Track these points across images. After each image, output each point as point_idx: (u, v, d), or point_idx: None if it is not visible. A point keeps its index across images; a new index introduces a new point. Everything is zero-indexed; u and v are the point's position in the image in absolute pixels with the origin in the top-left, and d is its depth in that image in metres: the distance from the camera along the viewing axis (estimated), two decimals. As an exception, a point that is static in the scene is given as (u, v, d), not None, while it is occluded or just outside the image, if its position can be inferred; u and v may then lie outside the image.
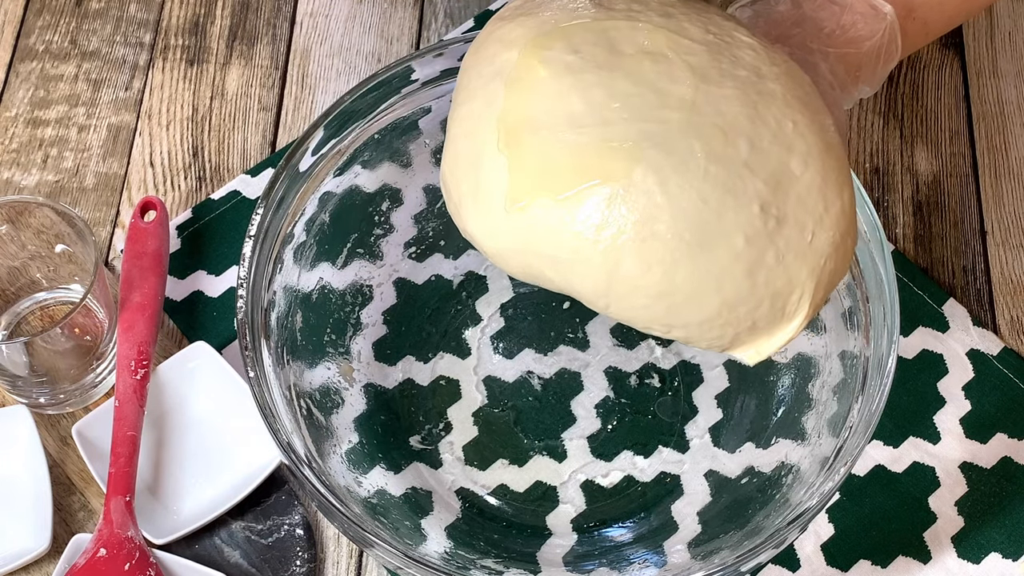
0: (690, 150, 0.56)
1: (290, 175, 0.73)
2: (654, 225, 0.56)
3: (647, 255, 0.56)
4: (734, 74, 0.58)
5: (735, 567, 0.64)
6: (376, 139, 0.77)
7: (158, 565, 0.72)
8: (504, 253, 0.60)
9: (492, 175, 0.59)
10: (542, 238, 0.58)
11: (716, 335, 0.59)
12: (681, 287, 0.57)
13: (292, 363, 0.74)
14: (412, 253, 0.82)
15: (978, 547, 0.76)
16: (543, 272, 0.60)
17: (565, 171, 0.57)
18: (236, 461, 0.76)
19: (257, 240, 0.71)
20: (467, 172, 0.60)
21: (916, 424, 0.80)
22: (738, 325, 0.59)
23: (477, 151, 0.59)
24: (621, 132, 0.56)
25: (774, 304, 0.58)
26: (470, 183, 0.60)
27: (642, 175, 0.56)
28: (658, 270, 0.57)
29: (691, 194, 0.56)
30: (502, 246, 0.60)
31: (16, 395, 0.78)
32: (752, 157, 0.56)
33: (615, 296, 0.58)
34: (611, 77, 0.57)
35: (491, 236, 0.60)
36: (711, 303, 0.58)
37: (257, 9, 0.97)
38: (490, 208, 0.59)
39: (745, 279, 0.57)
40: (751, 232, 0.56)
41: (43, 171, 0.89)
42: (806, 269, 0.58)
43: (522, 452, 0.78)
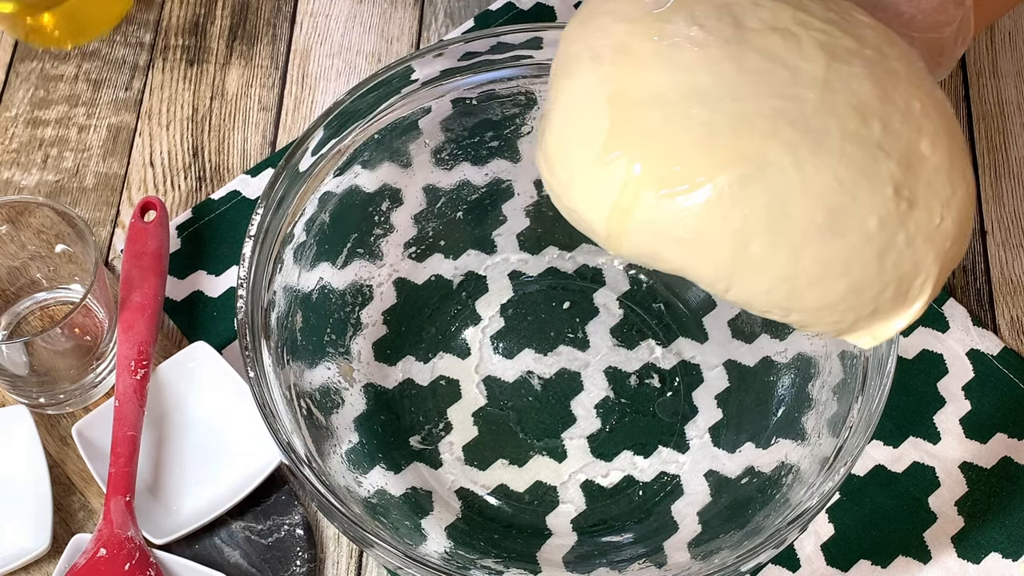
0: (826, 129, 0.55)
1: (290, 175, 0.73)
2: (787, 206, 0.54)
3: (777, 237, 0.55)
4: (861, 53, 0.56)
5: (735, 567, 0.64)
6: (376, 139, 0.77)
7: (158, 565, 0.72)
8: (619, 234, 0.58)
9: (610, 158, 0.56)
10: (664, 218, 0.56)
11: (836, 320, 0.58)
12: (808, 270, 0.55)
13: (292, 363, 0.74)
14: (412, 253, 0.83)
15: (978, 547, 0.76)
16: (660, 253, 0.57)
17: (694, 148, 0.55)
18: (236, 461, 0.76)
19: (257, 240, 0.71)
20: (578, 149, 0.58)
21: (916, 424, 0.80)
22: (860, 310, 0.57)
23: (590, 127, 0.57)
24: (753, 108, 0.55)
25: (899, 288, 0.56)
26: (581, 161, 0.57)
27: (777, 153, 0.54)
28: (786, 252, 0.55)
29: (826, 174, 0.54)
30: (617, 227, 0.57)
31: (16, 395, 0.78)
32: (885, 138, 0.55)
33: (738, 279, 0.56)
34: (740, 51, 0.56)
35: (605, 216, 0.57)
36: (837, 287, 0.56)
37: (257, 9, 0.97)
38: (605, 187, 0.57)
39: (874, 263, 0.55)
40: (883, 214, 0.55)
41: (43, 171, 0.89)
42: (933, 252, 0.56)
43: (522, 452, 0.78)
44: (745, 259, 0.56)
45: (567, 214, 0.60)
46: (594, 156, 0.57)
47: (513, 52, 0.76)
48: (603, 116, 0.57)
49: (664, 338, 0.82)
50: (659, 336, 0.82)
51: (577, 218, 0.60)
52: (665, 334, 0.82)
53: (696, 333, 0.82)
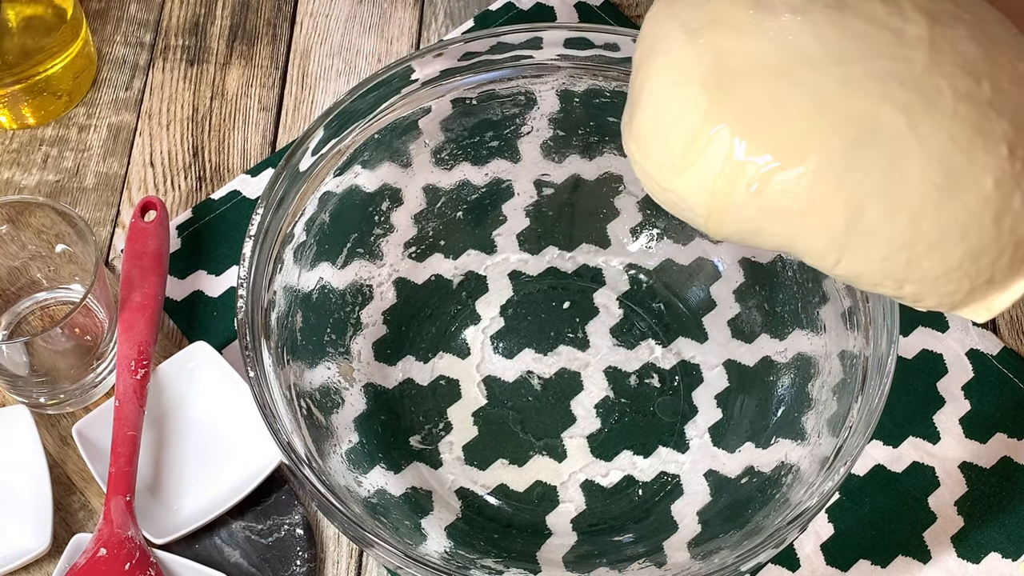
0: (937, 89, 0.54)
1: (290, 175, 0.73)
2: (902, 169, 0.53)
3: (893, 202, 0.53)
4: (960, 17, 0.56)
5: (735, 567, 0.64)
6: (376, 139, 0.77)
7: (158, 565, 0.72)
8: (721, 211, 0.57)
9: (712, 131, 0.55)
10: (772, 189, 0.54)
11: (951, 290, 0.56)
12: (926, 235, 0.54)
13: (292, 363, 0.74)
14: (412, 253, 0.83)
15: (978, 547, 0.76)
16: (765, 228, 0.56)
17: (801, 114, 0.54)
18: (236, 461, 0.76)
19: (257, 240, 0.71)
20: (676, 127, 0.56)
21: (916, 424, 0.80)
22: (976, 278, 0.55)
23: (688, 103, 0.56)
24: (861, 71, 0.54)
25: (1015, 254, 0.55)
26: (680, 138, 0.56)
27: (890, 115, 0.53)
28: (903, 218, 0.53)
29: (941, 135, 0.53)
30: (720, 203, 0.56)
31: (16, 395, 0.78)
32: (995, 98, 0.54)
33: (851, 249, 0.55)
34: (842, 16, 0.55)
35: (707, 194, 0.56)
36: (955, 253, 0.54)
37: (257, 9, 0.97)
38: (707, 162, 0.55)
39: (991, 226, 0.54)
40: (999, 175, 0.54)
41: (43, 171, 0.89)
42: None
43: (522, 452, 0.78)
44: (860, 227, 0.54)
45: (663, 197, 0.59)
46: (694, 132, 0.56)
47: (513, 52, 0.76)
48: (701, 90, 0.56)
49: (664, 338, 0.82)
50: (659, 336, 0.82)
51: (674, 200, 0.58)
52: (665, 334, 0.82)
53: (696, 333, 0.82)
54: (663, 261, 0.83)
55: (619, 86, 0.78)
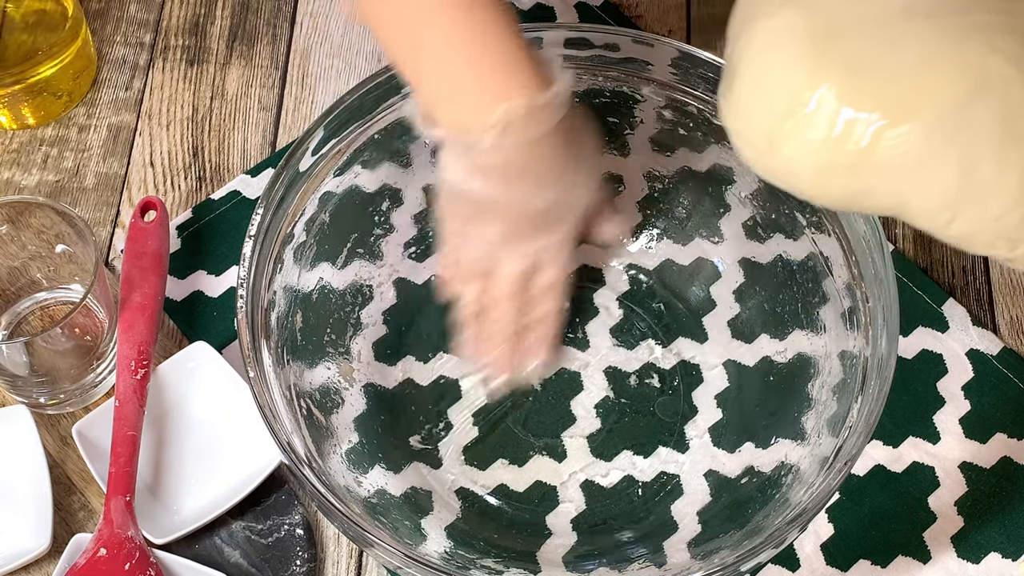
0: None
1: (290, 175, 0.73)
2: (1015, 122, 0.52)
3: (1006, 157, 0.52)
4: None
5: (735, 567, 0.64)
6: (376, 139, 0.77)
7: (158, 565, 0.72)
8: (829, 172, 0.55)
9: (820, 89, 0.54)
10: (881, 146, 0.53)
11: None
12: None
13: (292, 363, 0.74)
14: (412, 253, 0.83)
15: (978, 547, 0.76)
16: (874, 188, 0.55)
17: (909, 69, 0.53)
18: (236, 461, 0.76)
19: (257, 240, 0.71)
20: (779, 88, 0.56)
21: (916, 424, 0.80)
22: None
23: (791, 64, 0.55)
24: (968, 23, 0.53)
25: None
26: (784, 100, 0.55)
27: (1000, 66, 0.52)
28: (1016, 173, 0.52)
29: None
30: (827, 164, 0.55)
31: (16, 395, 0.78)
32: None
33: (964, 207, 0.53)
34: None
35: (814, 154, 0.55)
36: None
37: (257, 9, 0.97)
38: (813, 124, 0.54)
39: None
40: None
41: (43, 171, 0.89)
42: None
43: (522, 452, 0.78)
44: (973, 184, 0.53)
45: (763, 164, 0.58)
46: (797, 92, 0.55)
47: (513, 52, 0.76)
48: (804, 50, 0.55)
49: (664, 338, 0.82)
50: (659, 336, 0.82)
51: (776, 166, 0.57)
52: (665, 334, 0.82)
53: (696, 333, 0.82)
54: (663, 261, 0.83)
55: (619, 86, 0.78)
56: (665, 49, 0.76)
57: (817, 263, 0.75)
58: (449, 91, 0.67)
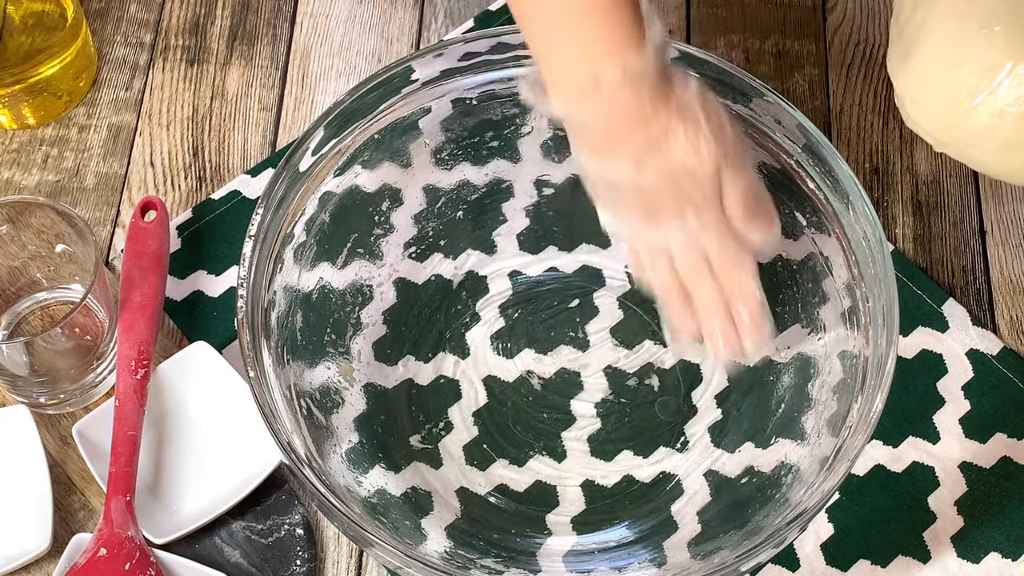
0: None
1: (290, 175, 0.73)
2: None
3: None
4: None
5: (735, 567, 0.64)
6: (376, 139, 0.77)
7: (158, 565, 0.72)
8: (1017, 145, 0.56)
9: (1008, 60, 0.53)
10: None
11: None
12: None
13: (292, 363, 0.74)
14: (412, 253, 0.83)
15: (978, 547, 0.76)
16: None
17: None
18: (236, 461, 0.76)
19: (257, 240, 0.71)
20: (968, 61, 0.55)
21: (916, 424, 0.80)
22: None
23: (985, 36, 0.55)
24: None
25: None
26: (975, 72, 0.55)
27: None
28: None
29: None
30: (1017, 136, 0.55)
31: (16, 395, 0.78)
32: None
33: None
34: None
35: (1003, 126, 0.55)
36: None
37: (257, 9, 0.97)
38: (1006, 94, 0.54)
39: None
40: None
41: (43, 171, 0.89)
42: None
43: (522, 452, 0.78)
44: None
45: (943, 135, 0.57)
46: (990, 66, 0.55)
47: (513, 52, 0.76)
48: (1000, 24, 0.55)
49: (664, 338, 0.82)
50: (659, 336, 0.82)
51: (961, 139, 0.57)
52: (665, 334, 0.82)
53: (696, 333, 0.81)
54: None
55: (619, 86, 0.78)
56: (665, 49, 0.76)
57: (817, 263, 0.75)
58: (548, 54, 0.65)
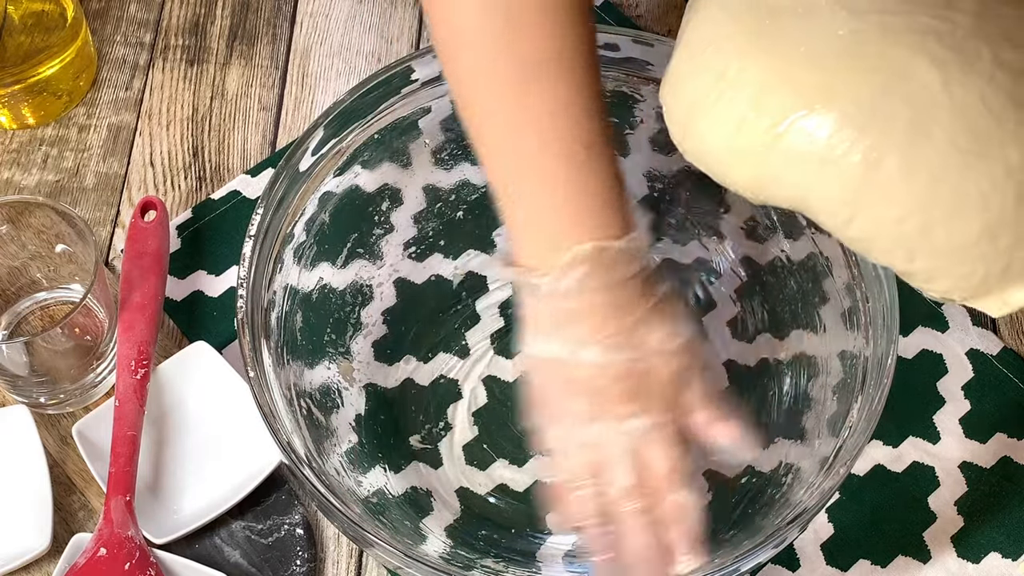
0: (977, 52, 0.52)
1: (290, 175, 0.73)
2: (928, 124, 0.52)
3: (914, 156, 0.52)
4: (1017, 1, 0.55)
5: (735, 567, 0.64)
6: (376, 139, 0.77)
7: (158, 565, 0.72)
8: (742, 154, 0.55)
9: (740, 70, 0.54)
10: (794, 130, 0.53)
11: (966, 271, 0.54)
12: (944, 200, 0.52)
13: (292, 363, 0.74)
14: (412, 253, 0.83)
15: (978, 547, 0.76)
16: (783, 176, 0.54)
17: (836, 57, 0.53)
18: (236, 461, 0.76)
19: (257, 240, 0.71)
20: (708, 63, 0.56)
21: (916, 424, 0.80)
22: (992, 262, 0.53)
23: (725, 39, 0.55)
24: (903, 23, 0.52)
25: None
26: (711, 74, 0.55)
27: (925, 68, 0.52)
28: (923, 176, 0.52)
29: (973, 98, 0.52)
30: (742, 146, 0.55)
31: (16, 395, 0.78)
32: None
33: (865, 204, 0.53)
34: None
35: (729, 135, 0.55)
36: (972, 225, 0.52)
37: (257, 9, 0.97)
38: (733, 100, 0.54)
39: (1012, 202, 0.52)
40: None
41: (43, 171, 0.89)
42: None
43: (522, 452, 0.78)
44: (877, 180, 0.53)
45: (686, 145, 0.58)
46: (723, 68, 0.55)
47: (513, 52, 0.76)
48: (738, 28, 0.55)
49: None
50: (659, 336, 0.82)
51: (695, 144, 0.57)
52: (665, 334, 0.82)
53: (696, 333, 0.81)
54: (663, 261, 0.83)
55: (619, 86, 0.78)
56: (665, 49, 0.76)
57: (817, 263, 0.75)
58: (525, 225, 0.62)
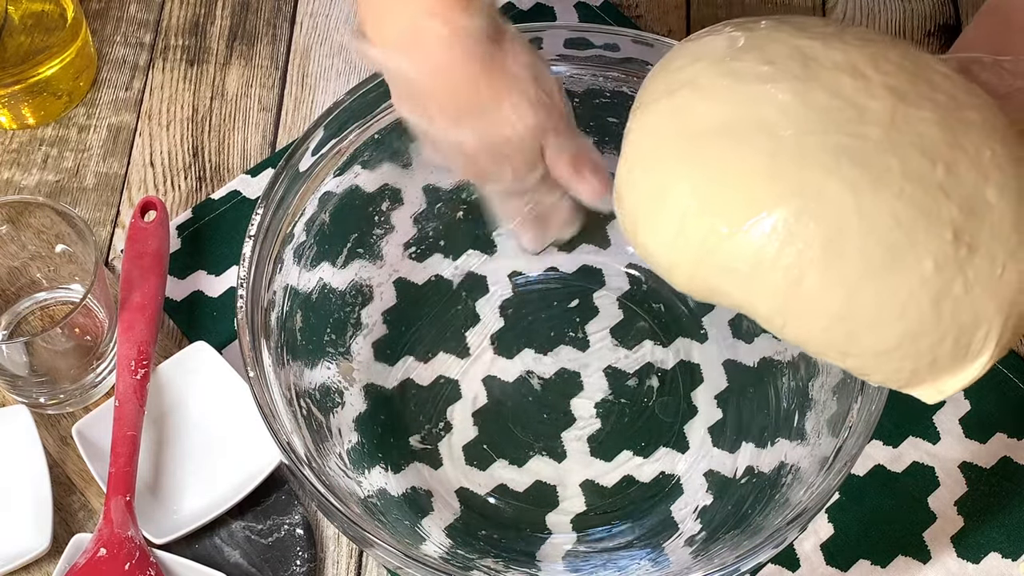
0: (887, 167, 0.54)
1: (290, 175, 0.73)
2: (842, 242, 0.54)
3: (831, 274, 0.55)
4: (932, 98, 0.56)
5: (735, 567, 0.64)
6: (376, 139, 0.77)
7: (158, 565, 0.72)
8: (680, 267, 0.59)
9: (673, 187, 0.57)
10: (722, 248, 0.56)
11: (894, 368, 0.57)
12: (862, 312, 0.55)
13: (292, 363, 0.74)
14: (412, 253, 0.83)
15: (978, 547, 0.76)
16: (720, 287, 0.58)
17: (753, 179, 0.55)
18: (236, 461, 0.76)
19: (257, 240, 0.71)
20: (645, 180, 0.59)
21: (915, 424, 0.80)
22: (918, 360, 0.56)
23: (657, 158, 0.58)
24: (816, 143, 0.55)
25: (958, 340, 0.56)
26: (648, 191, 0.59)
27: (836, 189, 0.54)
28: (840, 291, 0.55)
29: (884, 212, 0.54)
30: (677, 258, 0.58)
31: (16, 395, 0.78)
32: (948, 181, 0.55)
33: (792, 315, 0.57)
34: (807, 88, 0.56)
35: (668, 248, 0.58)
36: (892, 332, 0.56)
37: (257, 9, 0.97)
38: (668, 216, 0.57)
39: (930, 308, 0.55)
40: (941, 258, 0.54)
41: (43, 171, 0.89)
42: (994, 304, 0.55)
43: (522, 452, 0.78)
44: (799, 294, 0.56)
45: (635, 247, 0.61)
46: (658, 187, 0.58)
47: (513, 52, 0.76)
48: (669, 147, 0.58)
49: (664, 338, 0.82)
50: (659, 336, 0.82)
51: (644, 253, 0.60)
52: (665, 334, 0.82)
53: (696, 333, 0.82)
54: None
55: (619, 86, 0.78)
56: (665, 49, 0.76)
57: (817, 263, 0.75)
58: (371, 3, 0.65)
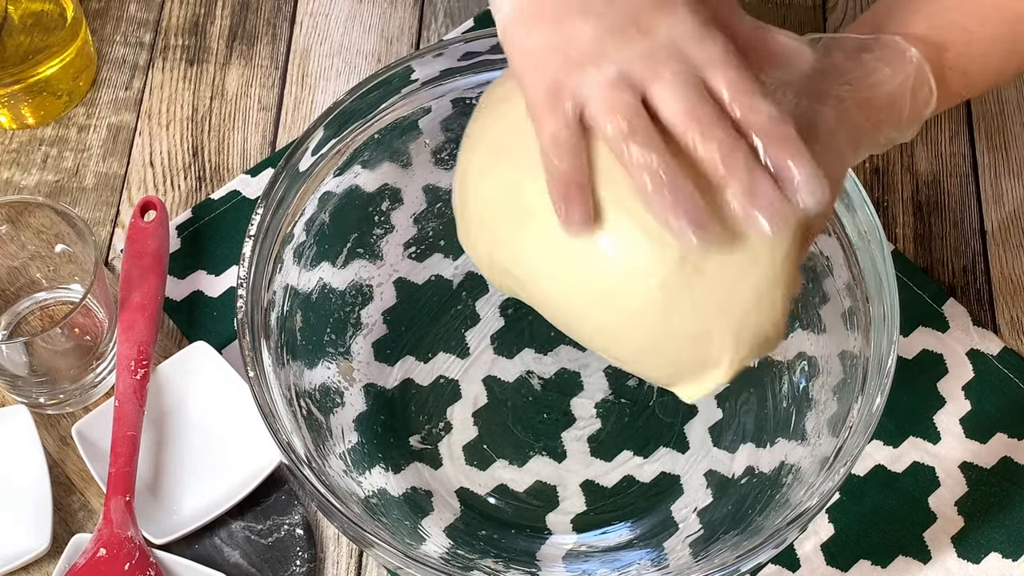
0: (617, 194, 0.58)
1: (290, 175, 0.73)
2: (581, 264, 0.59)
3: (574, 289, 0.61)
4: None
5: (735, 567, 0.64)
6: (376, 139, 0.77)
7: (158, 565, 0.72)
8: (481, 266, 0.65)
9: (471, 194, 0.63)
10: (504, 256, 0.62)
11: (652, 373, 0.63)
12: (604, 321, 0.60)
13: (292, 363, 0.74)
14: (412, 253, 0.83)
15: (978, 547, 0.76)
16: (513, 289, 0.64)
17: (512, 202, 0.60)
18: (236, 461, 0.76)
19: (257, 240, 0.71)
20: (456, 187, 0.65)
21: (916, 424, 0.80)
22: (667, 366, 0.61)
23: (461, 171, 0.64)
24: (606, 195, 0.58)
25: (695, 350, 0.59)
26: (458, 198, 0.65)
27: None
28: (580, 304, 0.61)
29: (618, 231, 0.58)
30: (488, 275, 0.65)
31: (16, 395, 0.78)
32: None
33: (563, 323, 0.63)
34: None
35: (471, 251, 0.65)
36: (635, 341, 0.60)
37: (257, 9, 0.97)
38: (466, 229, 0.64)
39: (661, 322, 0.59)
40: (668, 278, 0.58)
41: (43, 171, 0.89)
42: (724, 320, 0.58)
43: (522, 452, 0.78)
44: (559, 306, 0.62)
45: None
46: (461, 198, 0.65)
47: (513, 52, 0.76)
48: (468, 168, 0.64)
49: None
50: (659, 336, 0.82)
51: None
52: (665, 334, 0.82)
53: (696, 333, 0.81)
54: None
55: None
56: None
57: (817, 263, 0.75)
58: None
